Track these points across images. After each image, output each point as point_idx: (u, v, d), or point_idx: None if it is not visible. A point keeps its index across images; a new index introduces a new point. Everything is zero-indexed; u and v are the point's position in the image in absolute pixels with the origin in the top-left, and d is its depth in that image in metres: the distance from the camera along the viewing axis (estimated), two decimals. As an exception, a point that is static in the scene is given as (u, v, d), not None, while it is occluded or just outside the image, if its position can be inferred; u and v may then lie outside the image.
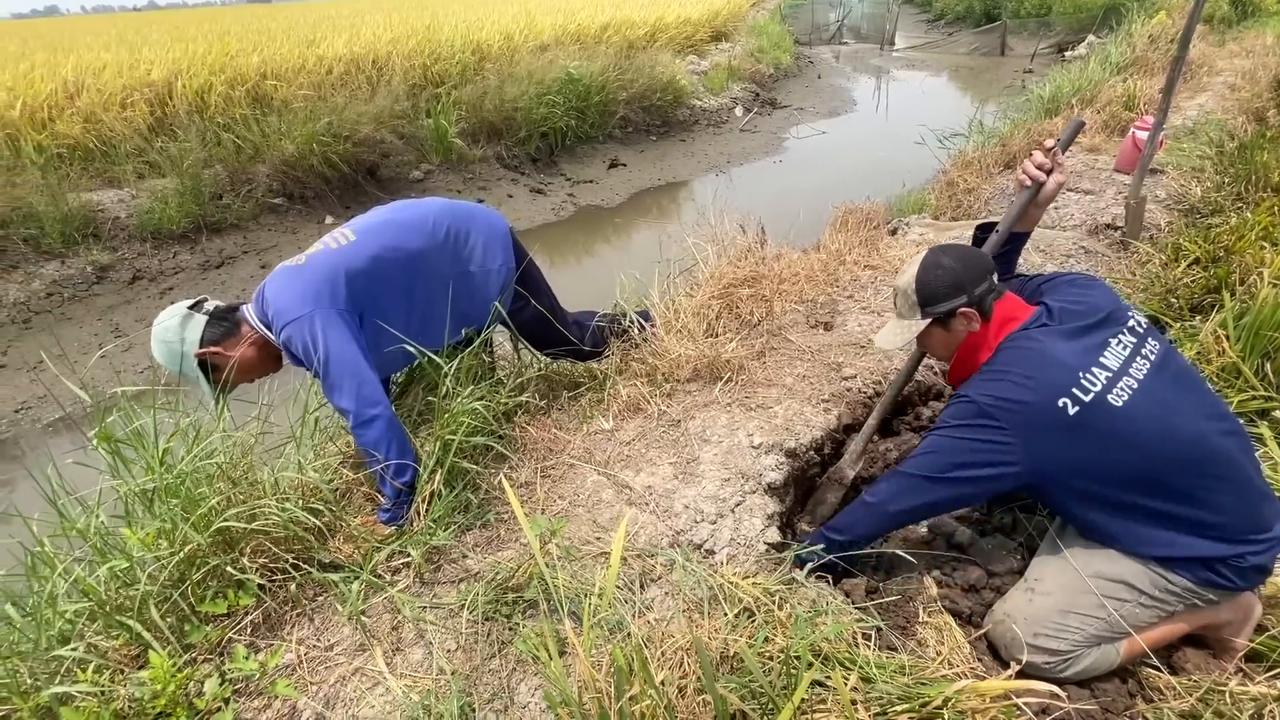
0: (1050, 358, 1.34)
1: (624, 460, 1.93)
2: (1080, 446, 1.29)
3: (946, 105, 10.73)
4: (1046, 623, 1.35)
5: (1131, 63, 7.12)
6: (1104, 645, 1.37)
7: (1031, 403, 1.30)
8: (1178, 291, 2.59)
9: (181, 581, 1.42)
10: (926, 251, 1.51)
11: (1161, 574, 1.32)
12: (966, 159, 5.05)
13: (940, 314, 1.47)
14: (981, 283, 1.45)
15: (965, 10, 20.28)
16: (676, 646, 1.25)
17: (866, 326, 2.58)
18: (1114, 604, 1.33)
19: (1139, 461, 1.29)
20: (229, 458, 1.60)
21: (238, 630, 1.43)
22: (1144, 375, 1.32)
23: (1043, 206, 1.61)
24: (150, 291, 5.22)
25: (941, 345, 1.56)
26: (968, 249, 1.53)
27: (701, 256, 3.04)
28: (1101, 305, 1.42)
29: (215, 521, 1.43)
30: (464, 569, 1.58)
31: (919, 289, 1.48)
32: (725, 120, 10.11)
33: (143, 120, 6.43)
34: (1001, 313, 1.47)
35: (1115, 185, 4.01)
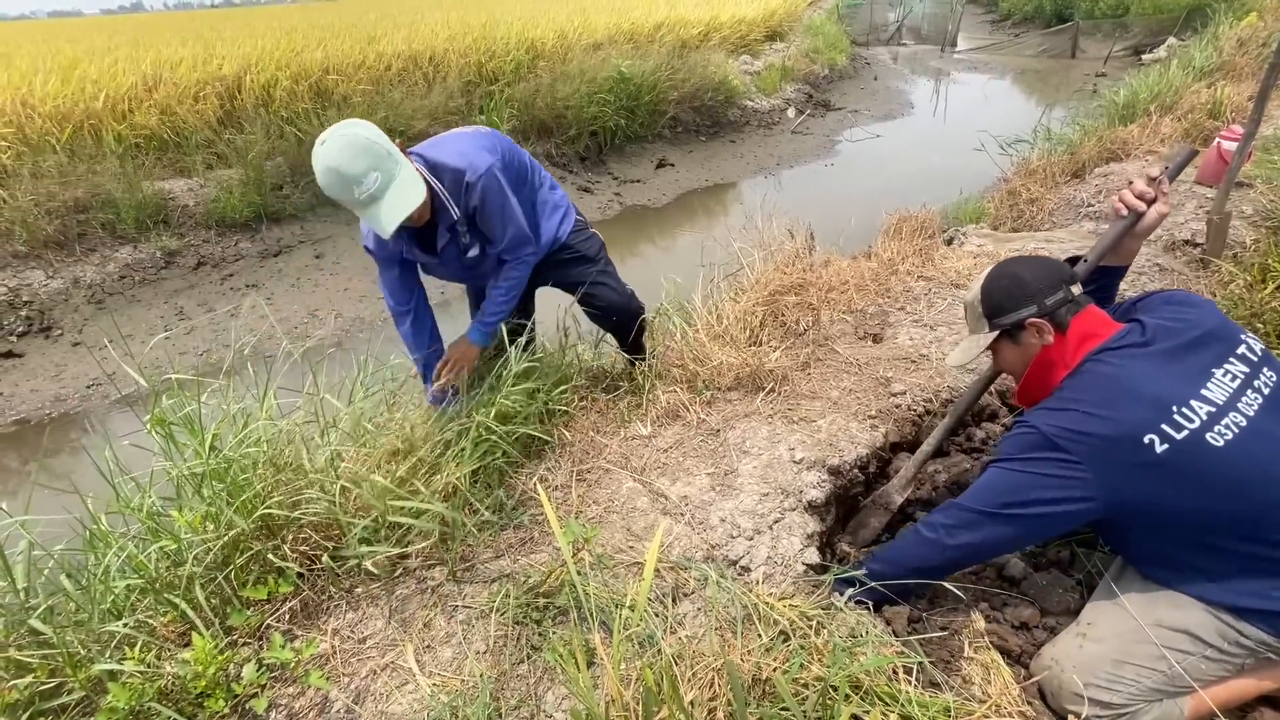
0: (1133, 387, 1.21)
1: (660, 468, 1.90)
2: (1165, 487, 1.17)
3: (1010, 110, 10.31)
4: (1098, 672, 1.25)
5: (1217, 67, 6.68)
6: (1165, 701, 1.26)
7: (1107, 436, 1.19)
8: (1264, 316, 2.40)
9: (226, 565, 1.46)
10: (997, 263, 1.44)
11: (1232, 624, 1.21)
12: (1030, 167, 4.82)
13: (1007, 325, 1.38)
14: (1055, 292, 1.34)
15: (1034, 10, 19.47)
16: (707, 666, 1.21)
17: (918, 340, 2.48)
18: (1175, 655, 1.23)
19: (1236, 508, 1.16)
20: (274, 445, 1.64)
21: (276, 617, 1.46)
22: (1255, 411, 1.18)
23: (1140, 239, 1.48)
24: (213, 277, 5.46)
25: (1012, 361, 1.46)
26: (1043, 258, 1.43)
27: (747, 261, 2.99)
28: (1206, 324, 1.28)
29: (259, 508, 1.46)
30: (497, 569, 1.58)
31: (985, 298, 1.41)
32: (777, 121, 9.95)
33: (213, 113, 6.72)
34: (1081, 328, 1.34)
35: (1196, 199, 3.76)
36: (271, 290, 5.35)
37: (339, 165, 1.52)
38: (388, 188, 1.57)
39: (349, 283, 5.47)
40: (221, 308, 5.05)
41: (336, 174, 1.52)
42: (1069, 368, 1.33)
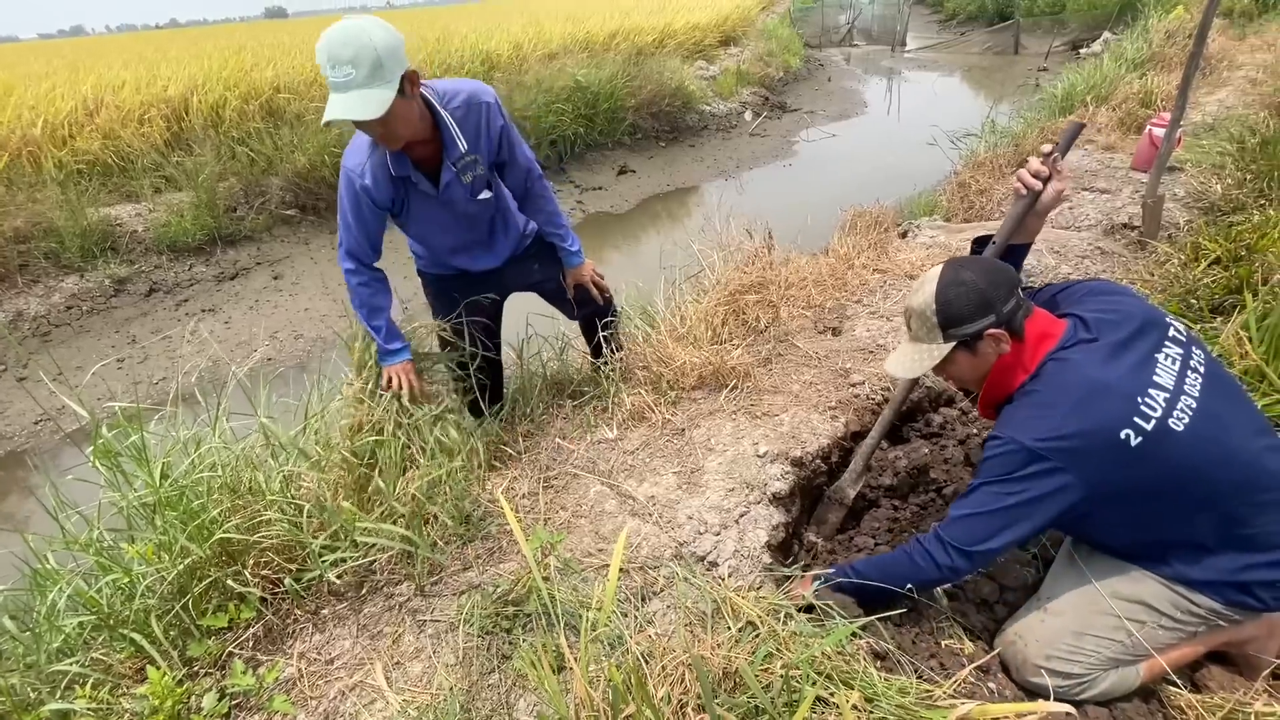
0: (1102, 383, 1.19)
1: (628, 470, 1.91)
2: (1139, 477, 1.18)
3: (959, 106, 10.62)
4: (1059, 644, 1.30)
5: (1148, 59, 6.99)
6: (1123, 668, 1.31)
7: (1090, 432, 1.18)
8: (1198, 292, 2.52)
9: (183, 594, 1.42)
10: (942, 267, 1.34)
11: (1185, 595, 1.26)
12: (979, 160, 4.98)
13: (966, 336, 1.30)
14: (1010, 299, 1.28)
15: (978, 9, 20.11)
16: (677, 662, 1.22)
17: (875, 331, 2.54)
18: (1132, 625, 1.28)
19: (1196, 489, 1.19)
20: (230, 469, 1.60)
21: (238, 644, 1.43)
22: (1199, 392, 1.21)
23: (1042, 216, 1.48)
24: (166, 304, 5.31)
25: (967, 371, 1.39)
26: (988, 261, 1.39)
27: (708, 263, 3.03)
28: (1138, 312, 1.30)
29: (215, 533, 1.43)
30: (465, 581, 1.57)
31: (940, 309, 1.30)
32: (735, 125, 10.09)
33: (159, 136, 6.56)
34: (1035, 330, 1.31)
35: (1132, 184, 3.93)
36: (229, 314, 5.22)
37: (332, 39, 1.51)
38: (353, 89, 1.51)
39: (310, 303, 5.37)
40: (176, 334, 4.91)
41: (326, 44, 1.51)
42: (1028, 371, 1.30)
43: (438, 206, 1.88)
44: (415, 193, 1.83)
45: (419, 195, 1.84)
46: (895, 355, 1.44)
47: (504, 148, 1.89)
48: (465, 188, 1.84)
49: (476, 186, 1.87)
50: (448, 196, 1.85)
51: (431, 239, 2.03)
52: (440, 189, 1.82)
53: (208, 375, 3.89)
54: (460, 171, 1.80)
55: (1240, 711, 1.20)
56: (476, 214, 1.95)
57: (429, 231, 1.99)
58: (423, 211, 1.89)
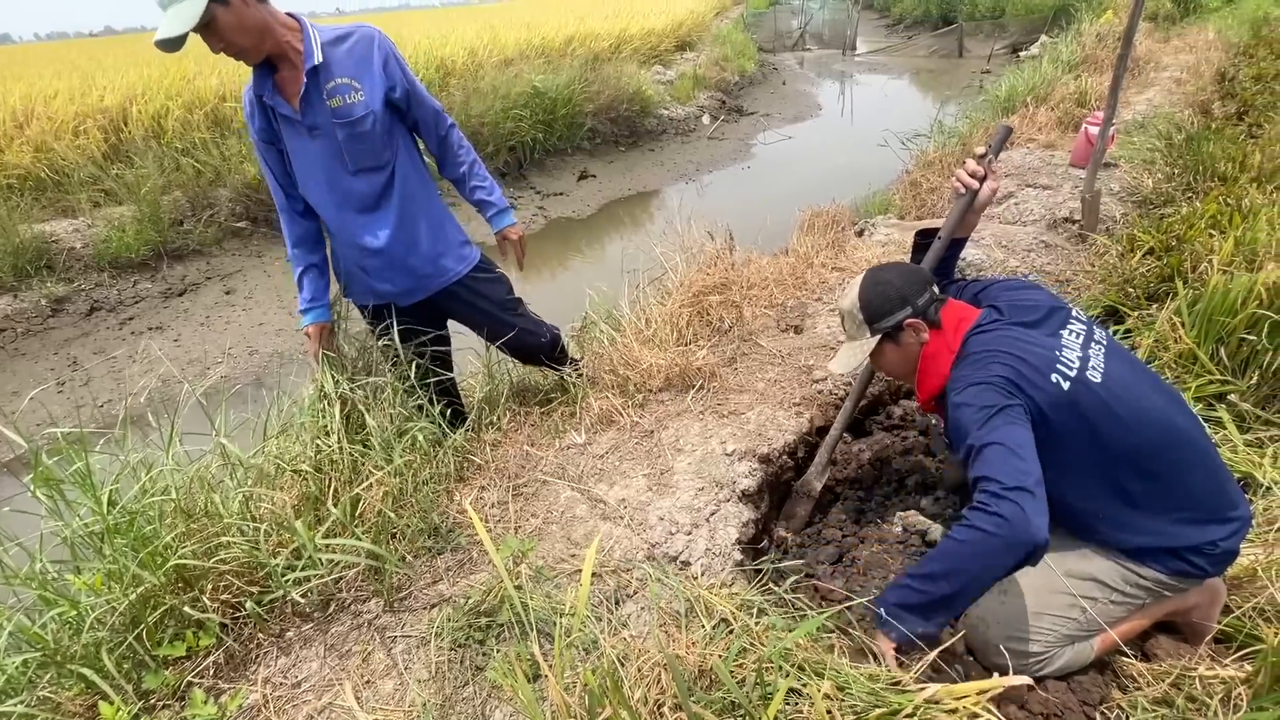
0: (1025, 338, 1.33)
1: (598, 474, 1.91)
2: (1074, 425, 1.26)
3: (908, 107, 10.95)
4: (1018, 625, 1.35)
5: (1082, 61, 7.33)
6: (1078, 643, 1.37)
7: (1027, 369, 1.27)
8: (1134, 281, 2.65)
9: (136, 625, 1.36)
10: (864, 273, 1.53)
11: (1132, 569, 1.33)
12: (928, 159, 5.14)
13: (888, 328, 1.46)
14: (923, 293, 1.45)
15: (923, 14, 20.80)
16: (652, 663, 1.23)
17: (836, 329, 2.60)
18: (1086, 602, 1.34)
19: (1124, 439, 1.27)
20: (184, 492, 1.54)
21: (198, 673, 1.37)
22: (1102, 360, 1.33)
23: (979, 212, 1.63)
24: (109, 323, 5.08)
25: (897, 362, 1.54)
26: (903, 264, 1.56)
27: (670, 265, 3.05)
28: (1045, 300, 1.45)
29: (170, 559, 1.37)
30: (436, 594, 1.54)
31: (864, 306, 1.48)
32: (693, 129, 10.19)
33: (97, 147, 6.28)
34: (951, 317, 1.47)
35: (1071, 180, 4.11)
36: (178, 331, 5.02)
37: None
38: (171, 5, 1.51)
39: (264, 317, 5.21)
40: (122, 354, 4.70)
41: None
42: (954, 350, 1.42)
43: (306, 136, 1.75)
44: (284, 123, 1.75)
45: (287, 125, 1.75)
46: (836, 357, 1.60)
47: (397, 79, 1.80)
48: (328, 110, 1.71)
49: (345, 112, 1.72)
50: (310, 118, 1.72)
51: (313, 193, 1.85)
52: (300, 108, 1.70)
53: (158, 396, 3.74)
54: (328, 95, 1.70)
55: (1186, 676, 1.27)
56: (354, 153, 1.77)
57: (308, 176, 1.82)
58: (295, 145, 1.78)
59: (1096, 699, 1.34)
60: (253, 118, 1.77)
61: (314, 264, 1.94)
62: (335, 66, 1.72)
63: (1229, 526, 1.29)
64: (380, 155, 1.82)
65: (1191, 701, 1.22)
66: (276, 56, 1.69)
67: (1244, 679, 1.18)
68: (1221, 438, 1.85)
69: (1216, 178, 3.49)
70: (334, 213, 1.87)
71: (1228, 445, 1.84)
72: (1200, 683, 1.22)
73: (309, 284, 1.93)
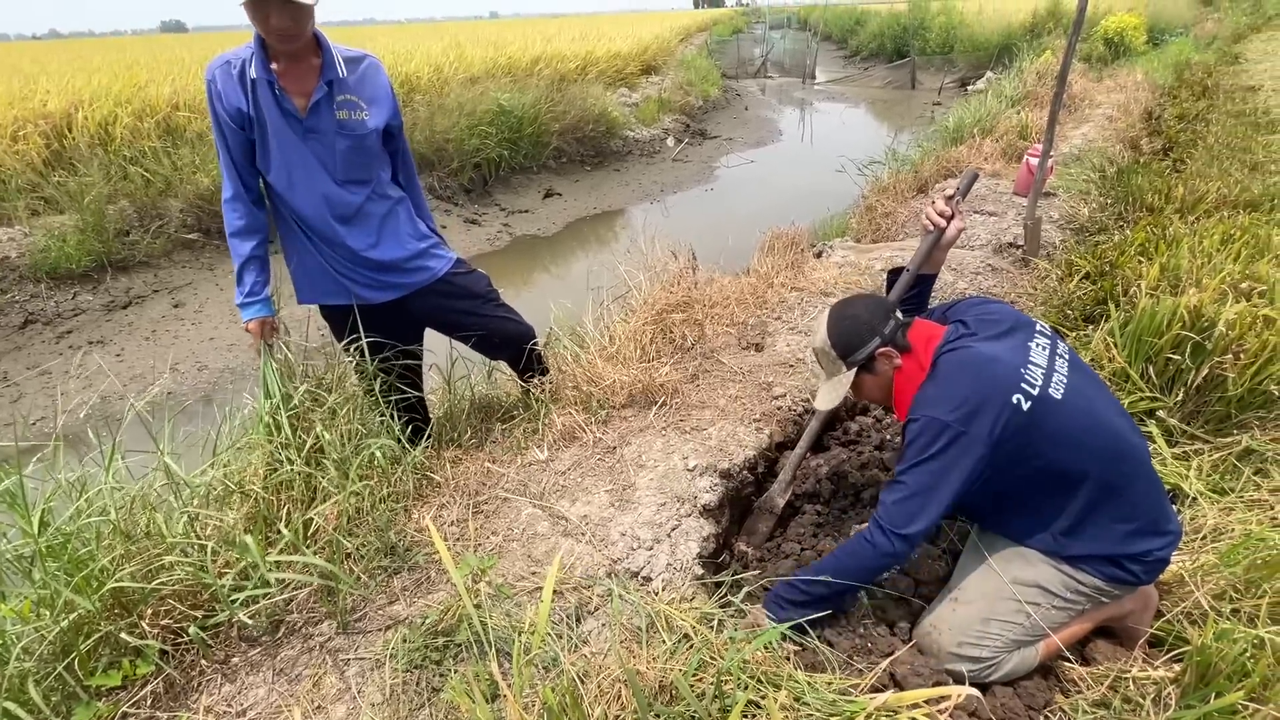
0: (991, 356, 1.37)
1: (560, 491, 1.90)
2: (1031, 442, 1.32)
3: (865, 135, 11.38)
4: (969, 631, 1.40)
5: (1024, 96, 7.76)
6: (1023, 649, 1.43)
7: (987, 396, 1.32)
8: (1072, 304, 2.80)
9: (67, 653, 1.29)
10: (828, 310, 1.59)
11: (1072, 575, 1.39)
12: (883, 185, 5.34)
13: (862, 360, 1.51)
14: (888, 321, 1.51)
15: (878, 47, 21.70)
16: (613, 679, 1.22)
17: (795, 346, 2.66)
18: (1030, 607, 1.40)
19: (1076, 454, 1.34)
20: (124, 512, 1.48)
21: (134, 703, 1.31)
22: (1066, 371, 1.39)
23: (945, 249, 1.71)
24: (45, 336, 4.83)
25: (875, 389, 1.59)
26: (864, 295, 1.62)
27: (635, 283, 3.09)
28: (1010, 315, 1.51)
29: (106, 582, 1.31)
30: (391, 615, 1.51)
31: (835, 343, 1.53)
32: (658, 150, 10.36)
33: (38, 153, 6.02)
34: (919, 337, 1.52)
35: (1015, 207, 4.33)
36: (121, 346, 4.81)
37: None
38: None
39: (215, 331, 5.03)
40: (58, 369, 4.46)
41: None
42: (925, 369, 1.47)
43: (299, 135, 1.79)
44: (274, 112, 1.75)
45: (277, 117, 1.76)
46: (819, 394, 1.65)
47: (396, 110, 1.95)
48: (335, 120, 1.80)
49: (349, 128, 1.82)
50: (314, 122, 1.78)
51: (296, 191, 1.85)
52: (307, 110, 1.76)
53: (97, 412, 3.56)
54: (338, 104, 1.79)
55: (1121, 678, 1.33)
56: (346, 164, 1.85)
57: (292, 173, 1.82)
58: (281, 141, 1.79)
59: (1041, 703, 1.39)
60: (223, 97, 1.72)
61: (257, 255, 1.90)
62: (350, 83, 1.82)
63: (1164, 539, 1.37)
64: (369, 170, 1.92)
65: (1127, 702, 1.28)
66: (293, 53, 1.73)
67: (1173, 679, 1.24)
68: (1152, 451, 1.96)
69: (1145, 208, 3.73)
70: (315, 214, 1.88)
71: (1158, 459, 1.95)
72: (1134, 684, 1.28)
73: (250, 276, 1.89)
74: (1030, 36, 14.91)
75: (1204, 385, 2.01)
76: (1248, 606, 1.39)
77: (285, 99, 1.75)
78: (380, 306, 2.03)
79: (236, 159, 1.81)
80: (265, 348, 1.90)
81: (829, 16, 28.26)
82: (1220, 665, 1.18)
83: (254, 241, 1.89)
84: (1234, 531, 1.65)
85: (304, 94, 1.77)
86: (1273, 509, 1.72)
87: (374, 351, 1.99)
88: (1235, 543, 1.54)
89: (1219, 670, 1.18)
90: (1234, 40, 13.53)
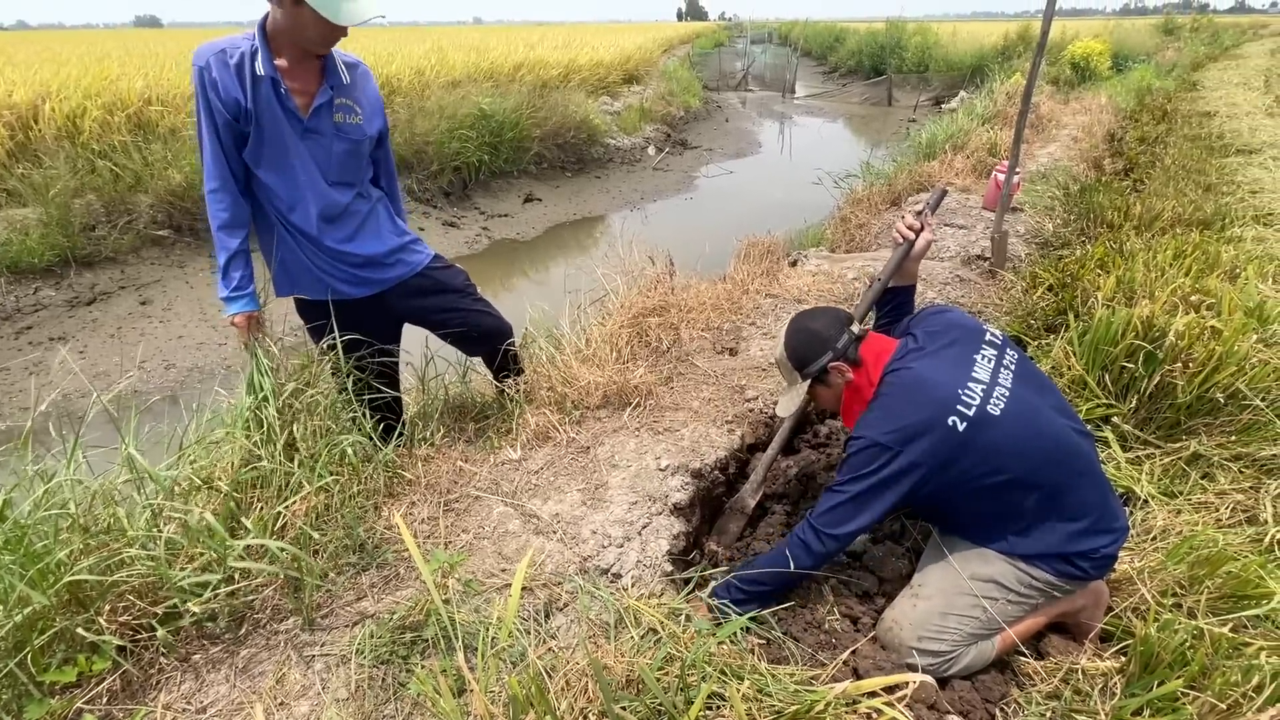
0: (929, 380, 1.44)
1: (532, 489, 1.91)
2: (970, 458, 1.38)
3: (842, 148, 11.61)
4: (929, 625, 1.44)
5: (994, 115, 8.00)
6: (981, 643, 1.47)
7: (923, 421, 1.39)
8: (1035, 314, 2.90)
9: (20, 649, 1.25)
10: (789, 322, 1.67)
11: (1026, 570, 1.45)
12: (858, 197, 5.46)
13: (814, 373, 1.60)
14: (841, 336, 1.57)
15: (856, 64, 22.19)
16: (580, 672, 1.23)
17: (768, 350, 2.71)
18: (987, 602, 1.45)
19: (1018, 464, 1.39)
20: (84, 507, 1.45)
21: (90, 699, 1.28)
22: (1010, 383, 1.45)
23: (917, 261, 1.79)
24: (3, 332, 4.68)
25: (828, 399, 1.68)
26: (823, 309, 1.69)
27: (612, 287, 3.11)
28: (957, 324, 1.57)
29: (63, 576, 1.28)
30: (359, 611, 1.50)
31: (790, 355, 1.63)
32: (639, 159, 10.44)
33: (1, 145, 5.85)
34: (870, 353, 1.59)
35: (984, 221, 4.46)
36: (85, 342, 4.68)
37: None
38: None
39: (184, 330, 4.93)
40: (17, 366, 4.33)
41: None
42: (874, 385, 1.54)
43: (298, 134, 1.80)
44: (274, 110, 1.75)
45: (277, 114, 1.76)
46: (780, 401, 1.74)
47: (385, 117, 2.02)
48: (334, 124, 1.83)
49: (345, 131, 1.86)
50: (314, 124, 1.81)
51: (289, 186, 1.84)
52: (310, 113, 1.79)
53: (58, 410, 3.46)
54: (336, 107, 1.83)
55: (1073, 671, 1.38)
56: (339, 166, 1.88)
57: (286, 169, 1.82)
58: (277, 137, 1.78)
59: (998, 696, 1.43)
60: (219, 86, 1.70)
61: (242, 249, 1.88)
62: (350, 88, 1.88)
63: (1111, 536, 1.43)
64: (359, 173, 1.97)
65: (1077, 693, 1.33)
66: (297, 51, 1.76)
67: (1118, 669, 1.29)
68: (1107, 456, 2.04)
69: (1105, 224, 3.87)
70: (302, 211, 1.88)
71: (1112, 463, 2.03)
72: (1083, 675, 1.33)
73: (237, 270, 1.86)
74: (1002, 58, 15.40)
75: (1155, 392, 2.10)
76: (1190, 601, 1.45)
77: (289, 98, 1.76)
78: (359, 302, 2.03)
79: (227, 149, 1.78)
80: (252, 342, 1.88)
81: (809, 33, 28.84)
82: (1162, 655, 1.24)
83: (241, 234, 1.87)
84: (1181, 532, 1.72)
85: (307, 94, 1.80)
86: (1217, 510, 1.81)
87: (351, 349, 1.98)
88: (1178, 542, 1.61)
89: (1161, 660, 1.24)
90: (1193, 68, 14.14)
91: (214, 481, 1.66)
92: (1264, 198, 4.38)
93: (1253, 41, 22.58)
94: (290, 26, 1.69)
